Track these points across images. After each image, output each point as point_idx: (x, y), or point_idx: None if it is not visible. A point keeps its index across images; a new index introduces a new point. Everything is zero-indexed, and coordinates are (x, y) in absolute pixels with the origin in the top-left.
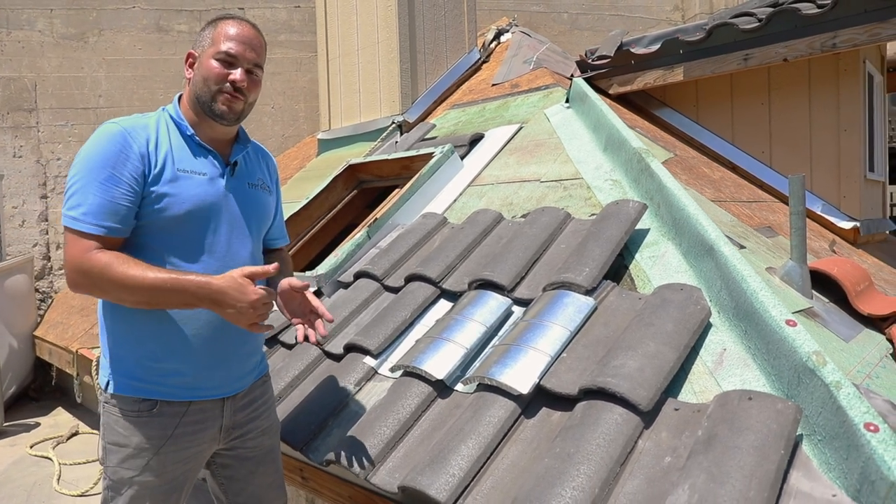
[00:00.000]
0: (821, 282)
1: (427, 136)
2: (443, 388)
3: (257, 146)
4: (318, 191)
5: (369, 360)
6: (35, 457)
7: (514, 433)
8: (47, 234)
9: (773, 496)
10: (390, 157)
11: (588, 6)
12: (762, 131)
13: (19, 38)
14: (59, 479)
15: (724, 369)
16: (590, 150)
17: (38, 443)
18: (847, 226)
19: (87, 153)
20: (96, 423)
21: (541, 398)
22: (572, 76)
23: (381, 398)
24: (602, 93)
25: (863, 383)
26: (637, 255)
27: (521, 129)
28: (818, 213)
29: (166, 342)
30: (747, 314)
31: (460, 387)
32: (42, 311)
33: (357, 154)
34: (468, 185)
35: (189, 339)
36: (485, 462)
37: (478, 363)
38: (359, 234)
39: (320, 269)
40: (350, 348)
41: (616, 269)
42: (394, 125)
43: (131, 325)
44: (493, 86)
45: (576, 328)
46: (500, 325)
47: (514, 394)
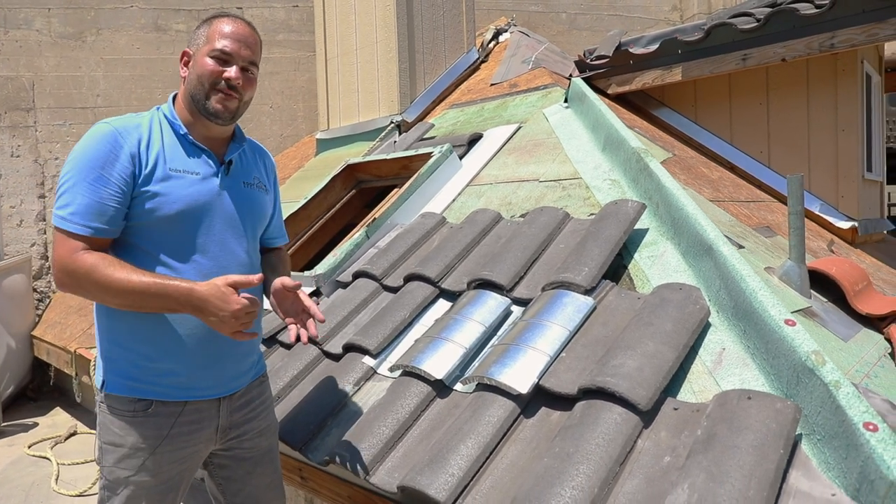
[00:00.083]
0: (819, 281)
1: (426, 136)
2: (442, 388)
3: (254, 144)
4: (317, 190)
5: (368, 360)
6: (33, 457)
7: (514, 433)
8: (45, 233)
9: (773, 495)
10: (389, 157)
11: (586, 6)
12: (760, 131)
13: (17, 37)
14: (57, 479)
15: (724, 369)
16: (588, 149)
17: (37, 443)
18: (845, 226)
19: (78, 153)
20: (94, 423)
21: (540, 398)
22: (571, 76)
23: (380, 398)
24: (601, 93)
25: (861, 383)
26: (636, 255)
27: (519, 128)
28: (816, 212)
29: (160, 342)
30: (746, 314)
31: (459, 386)
32: (40, 311)
33: (356, 154)
34: (467, 185)
35: (183, 339)
36: (484, 462)
37: (477, 363)
38: (357, 234)
39: (319, 269)
40: (349, 348)
41: (615, 269)
42: (392, 125)
43: (126, 324)
44: (492, 85)
45: (575, 328)
46: (499, 324)
47: (514, 393)
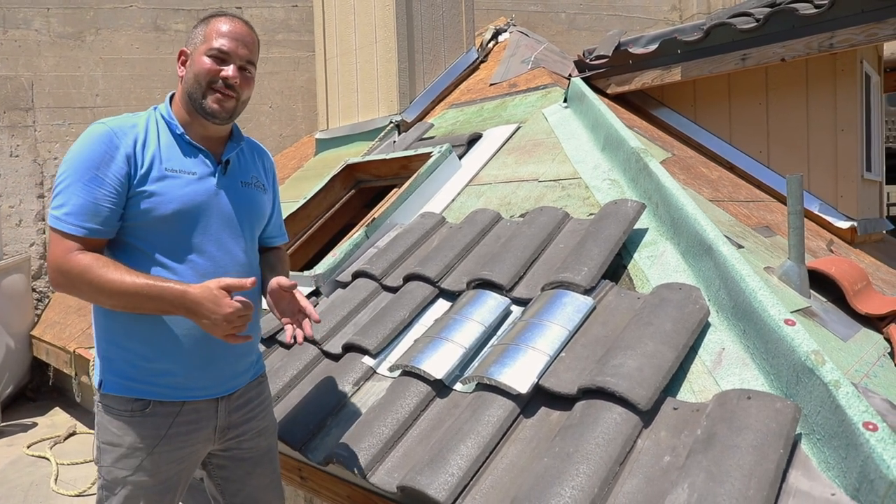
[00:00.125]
0: (819, 281)
1: (425, 136)
2: (441, 388)
3: (253, 143)
4: (316, 190)
5: (368, 360)
6: (32, 457)
7: (513, 433)
8: (44, 233)
9: (773, 495)
10: (388, 157)
11: (586, 6)
12: (760, 131)
13: (16, 36)
14: (56, 479)
15: (723, 368)
16: (588, 149)
17: (36, 443)
18: (844, 225)
19: (74, 154)
20: (94, 423)
21: (540, 398)
22: (570, 76)
23: (379, 398)
24: (600, 92)
25: (861, 382)
26: (635, 255)
27: (519, 128)
28: (816, 212)
29: (157, 342)
30: (746, 313)
31: (459, 386)
32: (39, 311)
33: (355, 153)
34: (466, 185)
35: (179, 339)
36: (484, 461)
37: (476, 363)
38: (357, 234)
39: (318, 269)
40: (348, 348)
41: (614, 269)
42: (392, 125)
43: (122, 325)
44: (491, 85)
45: (574, 328)
46: (498, 324)
47: (513, 393)
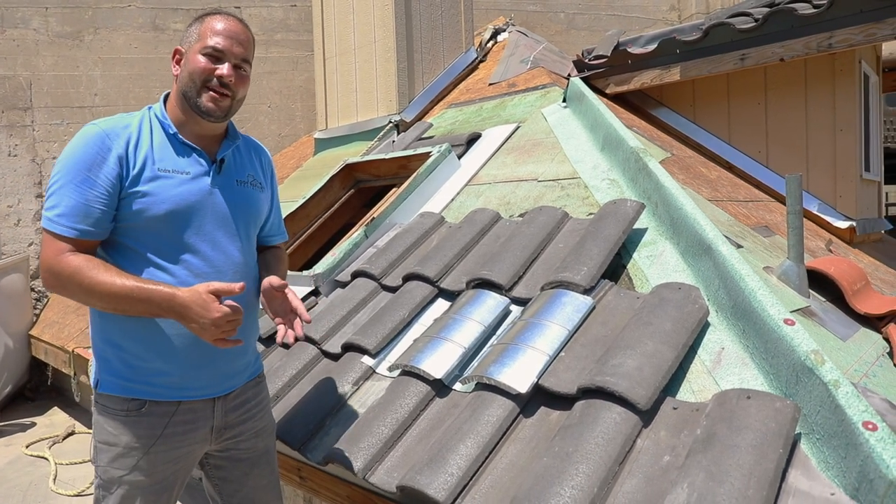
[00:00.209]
0: (818, 281)
1: (424, 136)
2: (441, 388)
3: (250, 141)
4: (315, 190)
5: (367, 360)
6: (31, 456)
7: (513, 432)
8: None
9: (772, 495)
10: (387, 157)
11: (585, 6)
12: (759, 131)
13: (14, 36)
14: (55, 479)
15: (723, 368)
16: (587, 149)
17: (34, 442)
18: (843, 225)
19: (66, 155)
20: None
21: (539, 397)
22: (569, 76)
23: (379, 397)
24: (599, 92)
25: (860, 382)
26: (635, 255)
27: (518, 128)
28: (814, 212)
29: (152, 342)
30: (745, 313)
31: (458, 386)
32: (38, 311)
33: (354, 153)
34: (465, 185)
35: (174, 339)
36: (483, 461)
37: (476, 362)
38: (356, 234)
39: (318, 269)
40: (348, 347)
41: (614, 269)
42: (391, 124)
43: (118, 324)
44: (490, 85)
45: (574, 327)
46: (498, 324)
47: (513, 393)
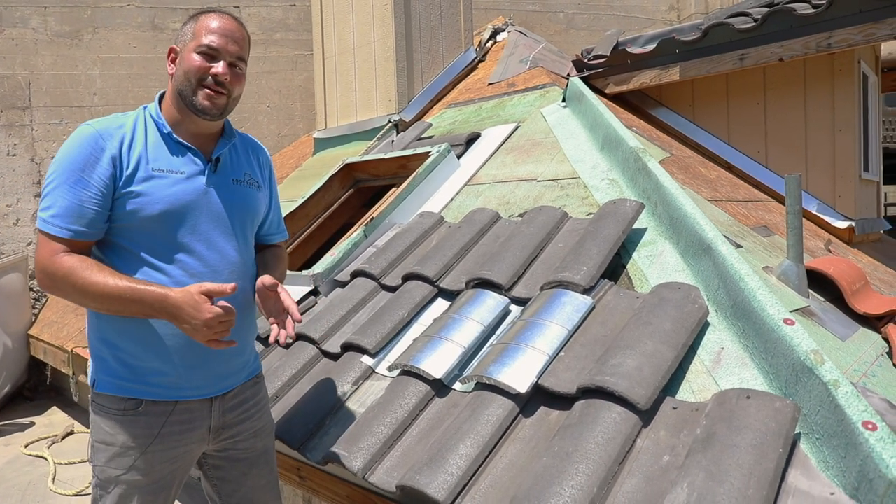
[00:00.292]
0: (817, 281)
1: (423, 135)
2: (440, 388)
3: (247, 139)
4: (315, 190)
5: (367, 360)
6: (30, 456)
7: (513, 432)
8: None
9: (772, 494)
10: (387, 157)
11: (584, 6)
12: (758, 131)
13: (13, 35)
14: (54, 479)
15: (722, 368)
16: (586, 149)
17: (33, 442)
18: (842, 225)
19: (61, 156)
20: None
21: (539, 397)
22: (569, 75)
23: (378, 397)
24: (598, 92)
25: (859, 382)
26: (634, 255)
27: (517, 128)
28: (814, 212)
29: (148, 342)
30: (745, 313)
31: (458, 386)
32: (37, 310)
33: (353, 153)
34: (465, 185)
35: (169, 338)
36: (483, 461)
37: (475, 362)
38: (356, 233)
39: (317, 269)
40: (347, 347)
41: (613, 269)
42: (390, 124)
43: (114, 324)
44: (490, 85)
45: (574, 327)
46: (497, 324)
47: (513, 393)
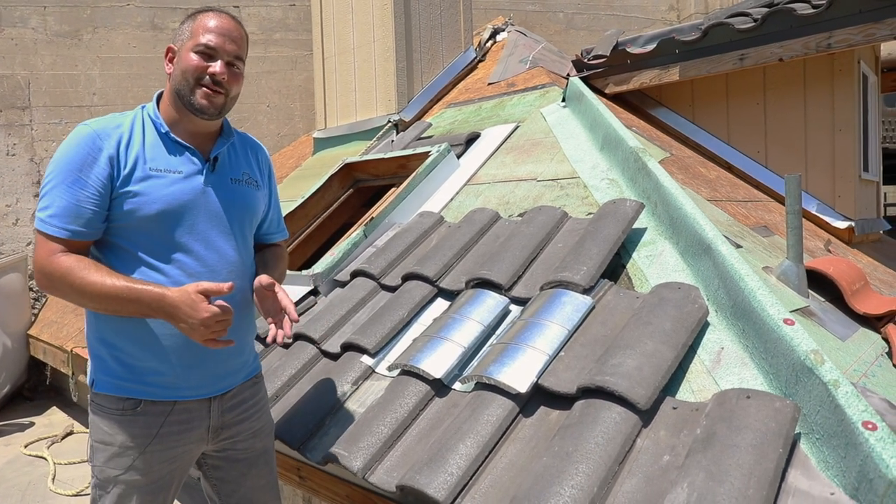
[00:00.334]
0: (817, 281)
1: (423, 135)
2: (440, 387)
3: (246, 138)
4: (314, 189)
5: (366, 359)
6: (29, 456)
7: (513, 432)
8: None
9: (772, 494)
10: (386, 156)
11: (584, 6)
12: (758, 131)
13: (12, 35)
14: (53, 479)
15: (722, 368)
16: (586, 149)
17: (33, 442)
18: (842, 225)
19: (58, 156)
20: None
21: (539, 397)
22: (568, 75)
23: (378, 397)
24: (598, 92)
25: (859, 382)
26: (634, 254)
27: (517, 128)
28: (813, 212)
29: (146, 342)
30: (745, 313)
31: (458, 385)
32: (36, 310)
33: (353, 153)
34: (465, 184)
35: (168, 338)
36: (483, 461)
37: (475, 362)
38: (355, 233)
39: (317, 268)
40: (347, 347)
41: (613, 268)
42: (390, 124)
43: (112, 324)
44: (490, 85)
45: (574, 327)
46: (497, 323)
47: (513, 392)
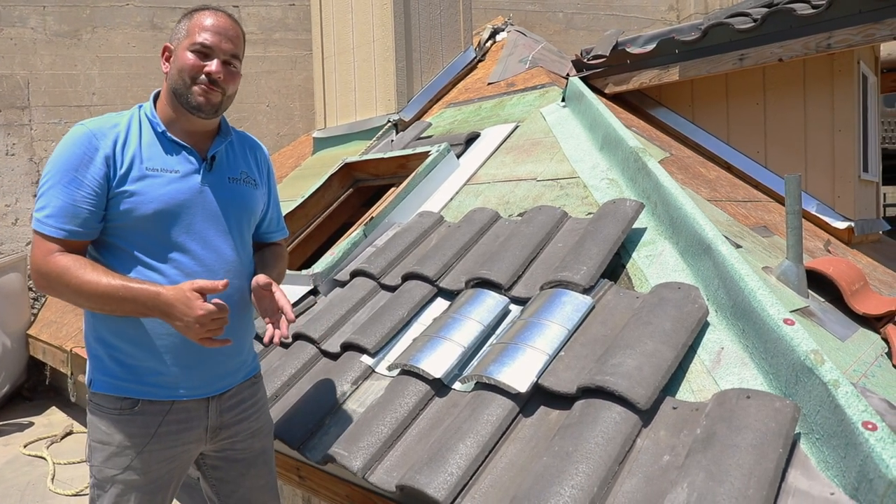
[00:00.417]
0: (816, 281)
1: (423, 135)
2: (440, 387)
3: (244, 137)
4: (314, 189)
5: (366, 359)
6: (29, 456)
7: (513, 432)
8: None
9: (772, 494)
10: (386, 156)
11: (583, 6)
12: (757, 131)
13: (12, 35)
14: (53, 479)
15: (722, 368)
16: (586, 149)
17: (32, 442)
18: (841, 226)
19: (55, 156)
20: None
21: (539, 397)
22: (568, 75)
23: (378, 397)
24: (598, 92)
25: (859, 382)
26: (634, 254)
27: (517, 127)
28: (813, 213)
29: (143, 342)
30: (745, 313)
31: (458, 385)
32: (36, 310)
33: (353, 152)
34: (464, 184)
35: (164, 338)
36: (483, 461)
37: (475, 362)
38: (355, 233)
39: (316, 268)
40: (347, 347)
41: (613, 268)
42: (389, 123)
43: (110, 324)
44: (489, 84)
45: (574, 327)
46: (497, 323)
47: (513, 392)
